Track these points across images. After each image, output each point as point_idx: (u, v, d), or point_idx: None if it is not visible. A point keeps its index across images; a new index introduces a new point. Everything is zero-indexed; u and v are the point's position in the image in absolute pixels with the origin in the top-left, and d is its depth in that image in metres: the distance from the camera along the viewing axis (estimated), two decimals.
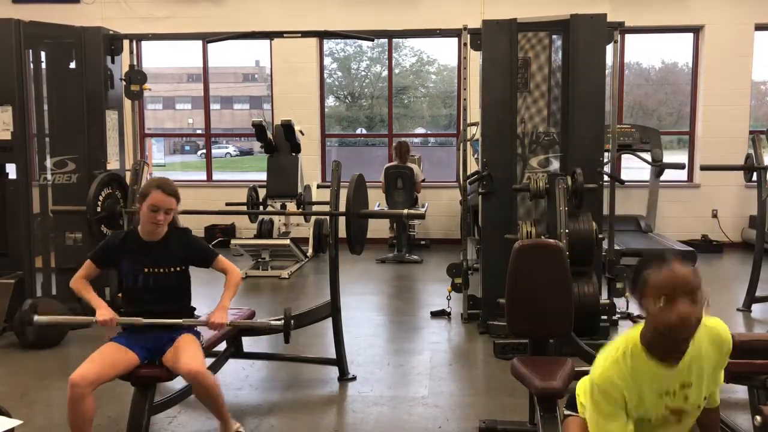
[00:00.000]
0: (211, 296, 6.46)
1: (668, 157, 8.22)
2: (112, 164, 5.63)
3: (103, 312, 2.99)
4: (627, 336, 1.97)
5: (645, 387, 1.90)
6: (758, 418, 2.34)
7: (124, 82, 5.75)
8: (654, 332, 1.85)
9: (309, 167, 8.66)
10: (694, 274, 1.81)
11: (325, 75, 9.63)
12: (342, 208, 3.85)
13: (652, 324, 1.84)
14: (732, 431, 3.04)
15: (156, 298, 3.08)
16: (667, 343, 1.84)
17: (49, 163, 5.40)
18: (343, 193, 3.91)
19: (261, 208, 7.69)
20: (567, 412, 2.24)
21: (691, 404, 1.96)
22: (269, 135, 7.68)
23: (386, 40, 9.43)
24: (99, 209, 4.07)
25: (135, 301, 3.11)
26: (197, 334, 3.17)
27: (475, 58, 5.31)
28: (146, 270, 3.06)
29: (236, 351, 3.93)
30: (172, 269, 3.08)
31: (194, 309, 3.25)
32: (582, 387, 2.19)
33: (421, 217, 7.48)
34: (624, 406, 1.91)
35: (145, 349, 3.00)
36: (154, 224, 3.02)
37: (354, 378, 4.12)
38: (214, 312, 3.10)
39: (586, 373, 2.13)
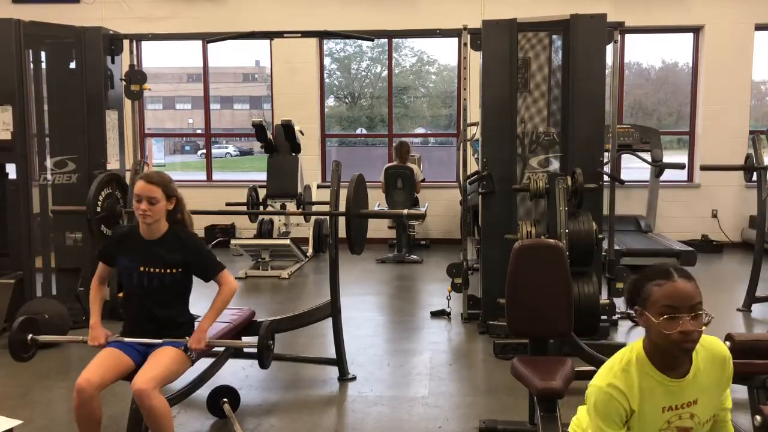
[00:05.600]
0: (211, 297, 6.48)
1: (668, 157, 8.21)
2: (112, 164, 5.63)
3: (95, 334, 2.99)
4: (633, 346, 1.94)
5: (650, 399, 1.87)
6: (758, 418, 2.35)
7: (124, 82, 5.75)
8: (655, 346, 1.86)
9: (309, 167, 8.66)
10: (696, 289, 1.80)
11: (325, 75, 9.63)
12: (342, 208, 3.85)
13: (653, 338, 1.84)
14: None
15: (150, 299, 3.01)
16: (667, 356, 1.84)
17: (49, 163, 5.40)
18: (343, 193, 3.91)
19: (261, 208, 7.69)
20: None
21: (697, 423, 1.92)
22: (269, 135, 7.68)
23: (386, 40, 9.43)
24: (99, 209, 4.06)
25: (131, 301, 3.06)
26: (183, 346, 3.01)
27: (475, 58, 5.31)
28: (141, 268, 2.99)
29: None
30: (168, 270, 3.00)
31: (193, 317, 3.15)
32: (580, 417, 2.15)
33: (422, 217, 7.48)
34: (625, 418, 1.88)
35: (137, 351, 2.98)
36: (141, 216, 2.94)
37: (354, 378, 4.12)
38: (193, 335, 3.00)
39: (587, 372, 2.13)
